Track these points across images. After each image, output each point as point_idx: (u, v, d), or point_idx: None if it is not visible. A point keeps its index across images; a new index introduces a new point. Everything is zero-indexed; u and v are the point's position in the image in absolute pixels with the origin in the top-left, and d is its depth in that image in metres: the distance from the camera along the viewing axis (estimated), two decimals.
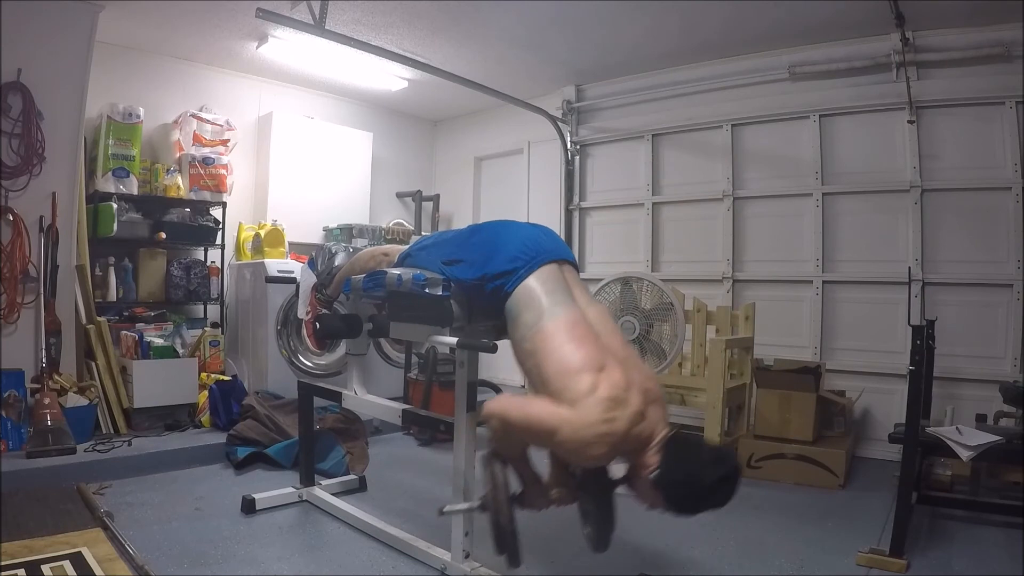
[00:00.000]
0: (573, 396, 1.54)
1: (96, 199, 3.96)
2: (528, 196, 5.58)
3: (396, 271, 2.11)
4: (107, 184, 3.97)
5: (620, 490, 1.72)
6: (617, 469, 1.70)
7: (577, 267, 1.97)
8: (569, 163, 5.22)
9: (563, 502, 1.78)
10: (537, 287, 1.75)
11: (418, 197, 5.86)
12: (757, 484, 3.26)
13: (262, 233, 4.51)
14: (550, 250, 1.85)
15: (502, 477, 1.69)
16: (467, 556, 2.04)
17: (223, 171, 4.46)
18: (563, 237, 4.67)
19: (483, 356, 2.02)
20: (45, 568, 2.00)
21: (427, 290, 1.94)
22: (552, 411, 1.56)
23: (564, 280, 1.81)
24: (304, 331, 2.85)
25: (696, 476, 1.52)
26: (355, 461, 3.32)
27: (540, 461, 1.77)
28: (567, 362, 1.60)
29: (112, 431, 3.52)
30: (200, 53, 4.52)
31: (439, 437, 3.78)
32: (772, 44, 4.16)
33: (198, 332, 4.24)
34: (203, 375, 3.94)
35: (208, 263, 4.50)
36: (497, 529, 1.68)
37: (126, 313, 4.09)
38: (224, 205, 4.51)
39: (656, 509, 1.62)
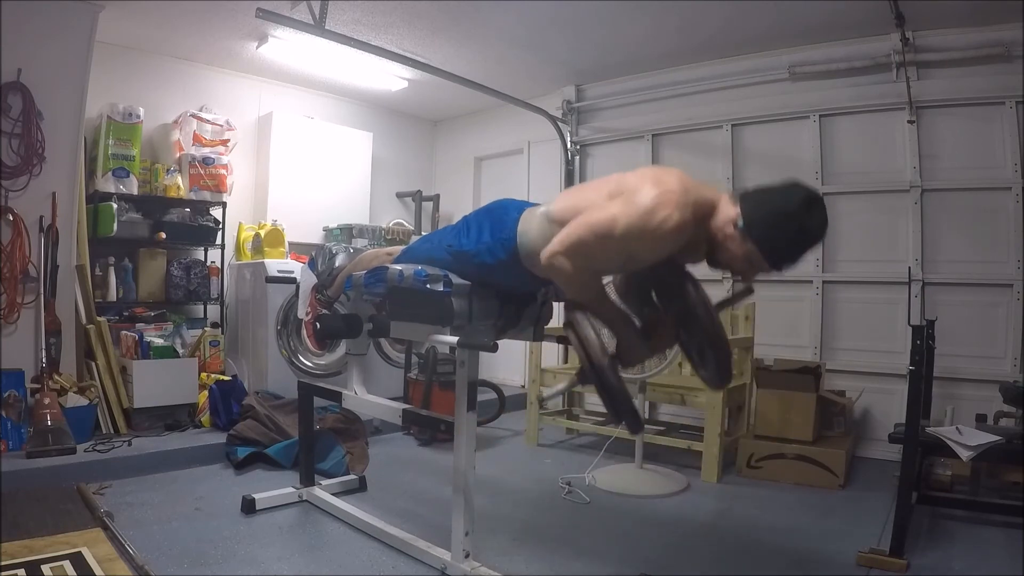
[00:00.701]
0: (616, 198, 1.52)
1: (96, 199, 3.96)
2: (528, 196, 5.57)
3: (398, 267, 2.10)
4: (107, 184, 3.97)
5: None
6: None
7: None
8: (569, 163, 5.22)
9: (664, 346, 1.68)
10: (532, 213, 1.77)
11: (418, 197, 5.86)
12: (757, 484, 3.26)
13: (262, 233, 4.51)
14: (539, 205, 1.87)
15: (593, 334, 1.55)
16: (467, 556, 2.04)
17: (223, 171, 4.46)
18: None
19: (483, 356, 2.02)
20: (45, 568, 2.00)
21: (428, 286, 1.94)
22: (603, 207, 1.52)
23: None
24: (304, 331, 2.85)
25: (783, 203, 1.44)
26: (355, 461, 3.32)
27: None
28: (597, 194, 1.58)
29: (112, 431, 3.52)
30: (200, 53, 4.52)
31: (439, 437, 3.78)
32: (772, 44, 4.16)
33: (198, 332, 4.24)
34: (203, 375, 3.94)
35: (208, 263, 4.50)
36: (608, 392, 1.55)
37: (126, 313, 4.08)
38: (224, 205, 4.51)
39: (751, 267, 1.51)
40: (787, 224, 1.44)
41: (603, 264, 1.62)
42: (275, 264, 4.23)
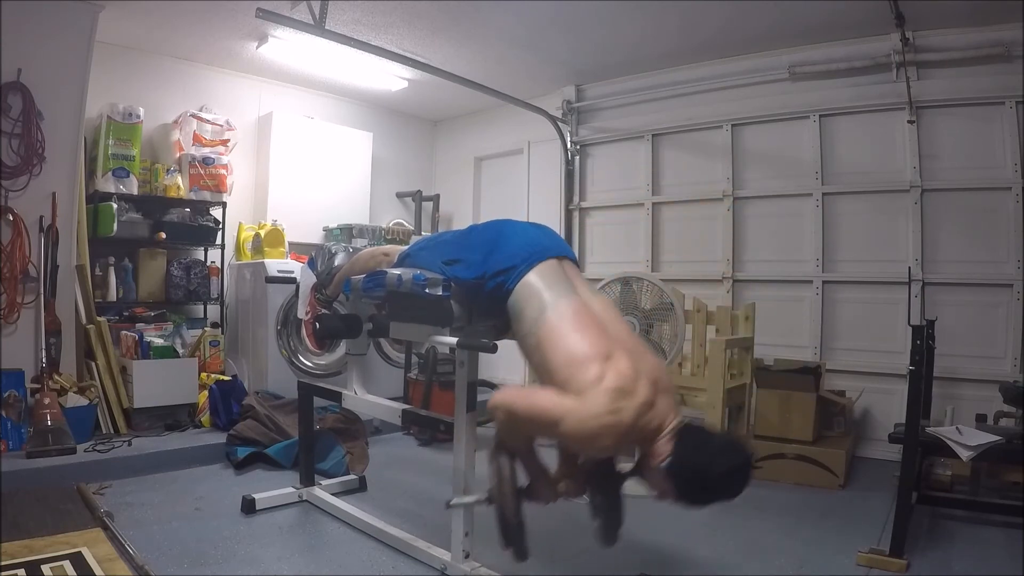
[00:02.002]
0: (579, 386, 1.52)
1: (96, 199, 3.96)
2: (528, 196, 5.58)
3: (396, 271, 2.11)
4: (107, 184, 3.97)
5: (628, 484, 1.71)
6: (625, 464, 1.69)
7: (577, 263, 1.97)
8: (569, 163, 5.22)
9: (571, 495, 1.74)
10: (537, 282, 1.74)
11: (418, 197, 5.86)
12: (757, 484, 3.21)
13: (262, 233, 4.51)
14: (549, 247, 1.85)
15: (508, 470, 1.66)
16: (467, 556, 2.04)
17: (223, 171, 4.46)
18: (563, 237, 4.65)
19: (483, 356, 2.02)
20: (45, 568, 2.00)
21: (427, 290, 1.94)
22: (557, 401, 1.53)
23: (565, 274, 1.80)
24: (304, 331, 2.85)
25: (707, 466, 1.49)
26: (355, 461, 3.32)
27: (548, 455, 1.76)
28: (573, 351, 1.58)
29: (112, 431, 3.52)
30: (200, 53, 4.52)
31: (439, 437, 3.78)
32: (772, 44, 4.16)
33: (198, 332, 4.24)
34: (203, 375, 3.94)
35: (208, 263, 4.50)
36: (503, 523, 1.66)
37: (126, 313, 4.08)
38: (224, 205, 4.51)
39: (667, 499, 1.60)
40: (706, 482, 1.52)
41: (537, 436, 1.70)
42: (275, 264, 4.23)
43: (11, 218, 3.39)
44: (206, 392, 3.78)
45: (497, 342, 1.87)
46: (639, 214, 4.87)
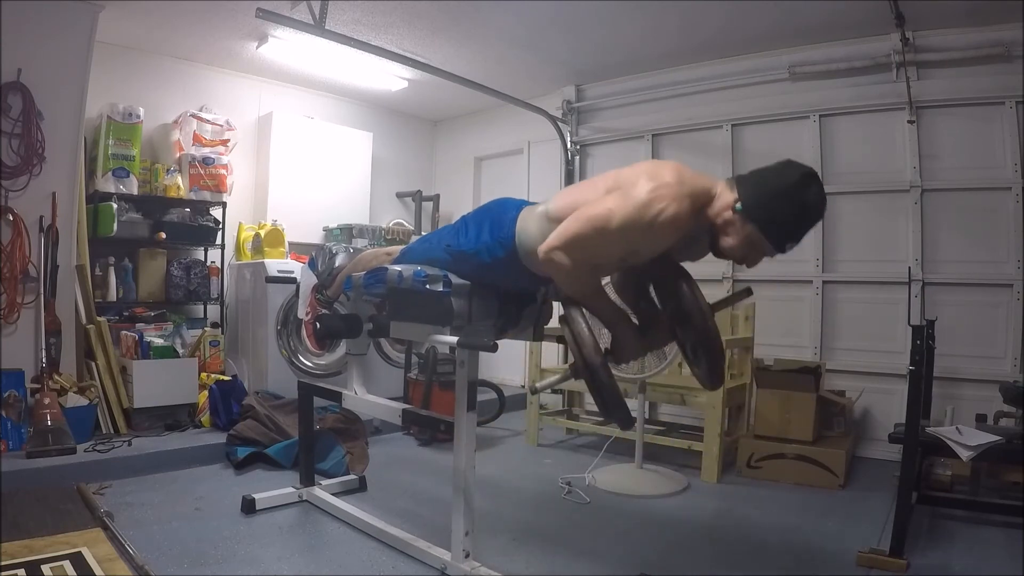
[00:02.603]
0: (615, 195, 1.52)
1: (96, 199, 3.96)
2: (528, 196, 5.56)
3: (397, 267, 2.11)
4: (107, 184, 3.97)
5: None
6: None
7: None
8: (569, 163, 5.22)
9: (660, 343, 1.67)
10: (531, 211, 1.78)
11: (418, 197, 5.86)
12: (757, 484, 3.26)
13: (262, 233, 4.51)
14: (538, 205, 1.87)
15: (587, 330, 1.55)
16: (467, 556, 2.04)
17: (223, 171, 4.46)
18: None
19: (483, 356, 2.02)
20: (45, 568, 2.00)
21: (428, 286, 1.94)
22: (601, 203, 1.52)
23: None
24: (304, 331, 2.85)
25: (780, 181, 1.44)
26: (355, 461, 3.32)
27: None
28: (594, 191, 1.59)
29: (112, 431, 3.52)
30: (200, 53, 4.52)
31: (439, 437, 3.78)
32: (772, 44, 4.16)
33: (198, 332, 4.24)
34: (203, 375, 3.94)
35: (208, 263, 4.50)
36: (599, 388, 1.55)
37: (126, 313, 4.08)
38: (224, 205, 4.51)
39: (750, 249, 1.50)
40: (786, 201, 1.45)
41: (600, 259, 1.62)
42: (275, 264, 4.23)
43: (11, 218, 3.39)
44: (206, 392, 3.78)
45: (497, 342, 1.87)
46: None
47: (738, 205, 1.47)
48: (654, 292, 1.79)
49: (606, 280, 1.86)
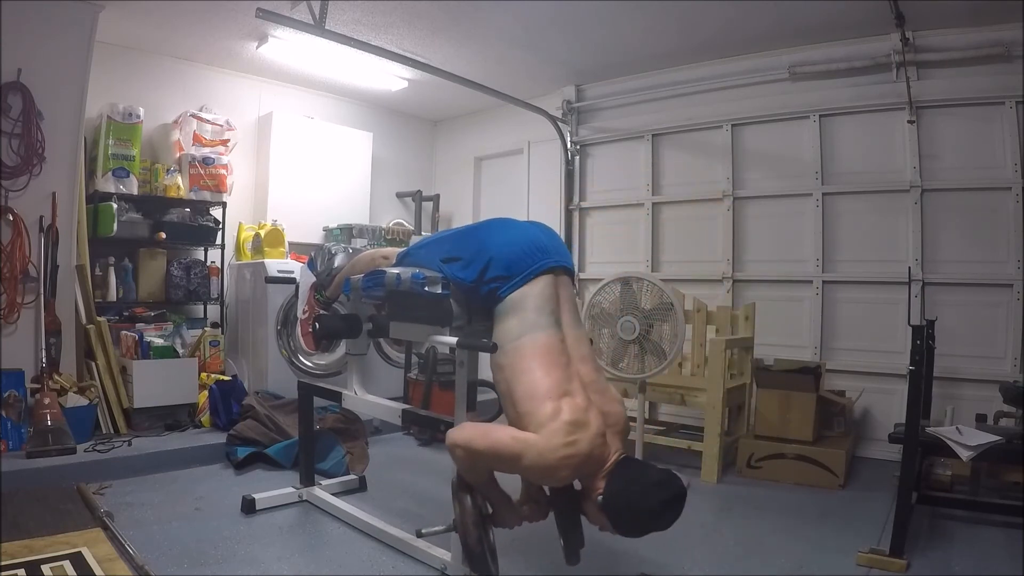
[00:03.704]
0: (538, 421, 1.61)
1: (96, 199, 3.96)
2: (528, 196, 5.58)
3: (395, 270, 2.11)
4: (107, 184, 3.97)
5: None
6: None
7: (573, 274, 1.99)
8: (569, 163, 5.22)
9: (535, 518, 1.84)
10: (527, 300, 1.79)
11: (418, 197, 5.86)
12: (757, 484, 3.26)
13: (262, 233, 4.51)
14: (548, 251, 1.86)
15: (469, 503, 1.75)
16: None
17: (223, 171, 4.46)
18: (563, 237, 4.67)
19: (482, 356, 2.02)
20: (45, 568, 2.01)
21: (426, 289, 1.94)
22: (517, 437, 1.63)
23: (556, 296, 1.83)
24: (299, 330, 2.85)
25: (639, 499, 1.58)
26: (355, 461, 3.32)
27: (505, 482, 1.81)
28: (536, 387, 1.66)
29: (112, 431, 3.52)
30: (200, 53, 4.52)
31: (439, 437, 3.73)
32: (772, 44, 4.16)
33: (198, 332, 4.24)
34: (203, 375, 3.94)
35: (208, 263, 4.50)
36: (467, 551, 1.76)
37: (126, 313, 4.08)
38: (224, 205, 4.51)
39: (605, 531, 1.69)
40: (638, 515, 1.59)
41: (495, 469, 1.77)
42: (275, 264, 4.23)
43: (11, 218, 3.39)
44: (206, 392, 3.78)
45: (496, 342, 1.87)
46: (639, 214, 4.87)
47: (599, 498, 1.62)
48: None
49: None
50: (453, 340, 1.94)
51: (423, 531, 1.93)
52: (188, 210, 4.33)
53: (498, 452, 1.64)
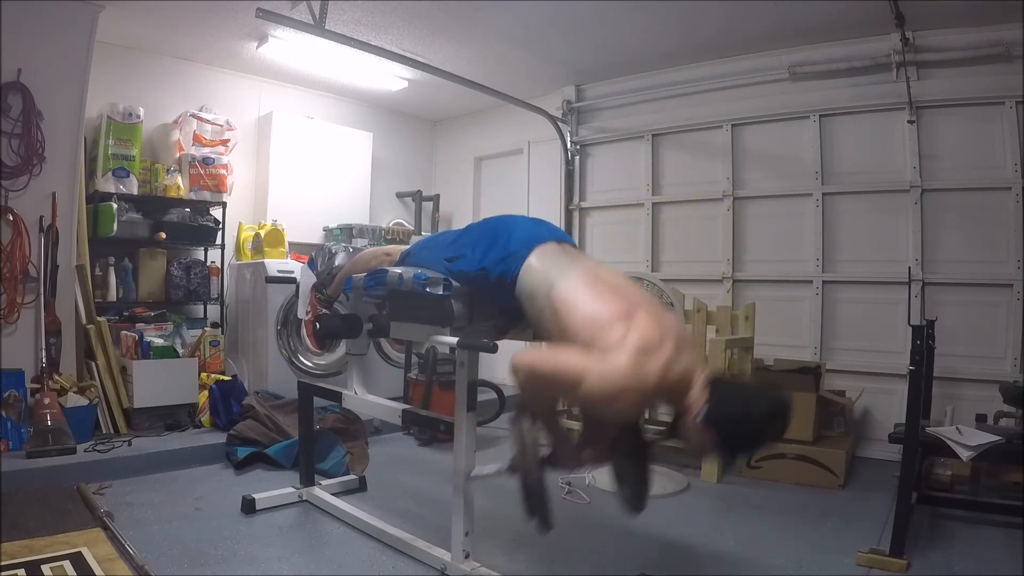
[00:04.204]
0: (604, 345, 1.49)
1: (96, 199, 3.96)
2: (528, 196, 5.58)
3: (397, 270, 2.11)
4: (107, 184, 3.97)
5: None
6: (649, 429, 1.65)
7: (577, 248, 1.98)
8: (569, 163, 5.22)
9: (596, 462, 1.71)
10: (541, 262, 1.75)
11: (418, 197, 5.86)
12: (757, 484, 3.26)
13: (262, 233, 4.51)
14: (548, 235, 1.87)
15: (531, 437, 1.62)
16: (467, 556, 2.04)
17: (223, 171, 4.46)
18: None
19: (483, 356, 2.02)
20: (45, 568, 2.01)
21: (428, 289, 1.94)
22: (581, 360, 1.50)
23: (567, 252, 1.82)
24: (304, 331, 2.85)
25: (747, 410, 1.46)
26: (355, 461, 3.32)
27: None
28: (593, 313, 1.56)
29: (112, 431, 3.52)
30: (200, 53, 4.52)
31: (439, 437, 3.78)
32: (772, 44, 4.16)
33: (198, 332, 4.24)
34: (203, 375, 3.94)
35: (208, 263, 4.49)
36: (527, 492, 1.63)
37: (126, 313, 4.08)
38: (224, 205, 4.51)
39: (706, 453, 1.56)
40: (746, 427, 1.46)
41: (559, 396, 1.68)
42: (275, 264, 4.23)
43: (11, 218, 3.39)
44: (206, 392, 3.78)
45: (497, 342, 1.87)
46: (639, 214, 4.87)
47: (702, 415, 1.48)
48: None
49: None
50: (454, 340, 1.94)
51: (473, 473, 1.84)
52: (188, 210, 4.33)
53: (560, 373, 1.51)
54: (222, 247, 4.51)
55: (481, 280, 1.86)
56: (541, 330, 1.74)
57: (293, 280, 2.94)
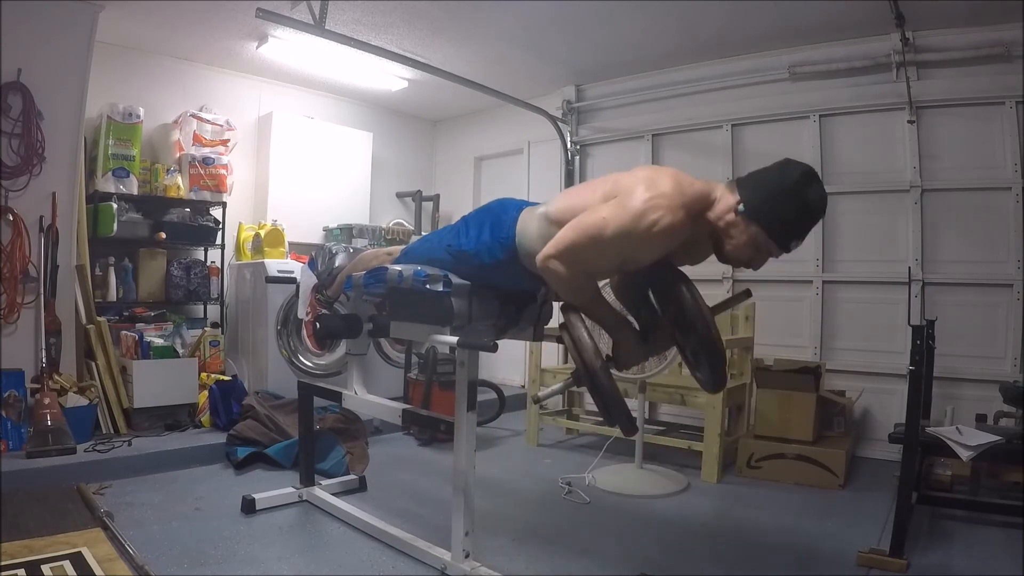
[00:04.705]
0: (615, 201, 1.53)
1: (96, 199, 3.96)
2: (528, 196, 5.57)
3: (397, 267, 2.10)
4: (107, 184, 3.97)
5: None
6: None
7: None
8: (569, 163, 5.22)
9: (661, 348, 1.68)
10: (531, 212, 1.79)
11: (418, 197, 5.86)
12: (757, 484, 3.26)
13: (262, 233, 4.51)
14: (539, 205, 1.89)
15: (587, 335, 1.55)
16: (467, 556, 2.04)
17: (223, 171, 4.46)
18: None
19: (483, 356, 2.02)
20: (45, 568, 2.00)
21: (428, 286, 1.94)
22: (598, 212, 1.53)
23: None
24: (304, 331, 2.85)
25: (781, 180, 1.45)
26: (355, 461, 3.32)
27: None
28: (593, 188, 1.61)
29: (112, 431, 3.52)
30: (200, 53, 4.52)
31: (439, 437, 3.78)
32: (772, 44, 4.16)
33: (198, 332, 4.24)
34: (203, 375, 3.94)
35: (208, 263, 4.50)
36: (601, 394, 1.56)
37: (126, 313, 4.08)
38: (224, 205, 4.51)
39: (753, 246, 1.50)
40: (789, 200, 1.45)
41: (596, 266, 1.63)
42: (275, 264, 4.23)
43: (11, 218, 3.39)
44: (206, 392, 3.78)
45: (497, 342, 1.87)
46: None
47: (741, 207, 1.47)
48: (653, 297, 1.79)
49: (604, 283, 1.87)
50: (454, 340, 1.94)
51: (540, 394, 1.77)
52: (188, 210, 4.33)
53: (583, 234, 1.51)
54: (222, 247, 4.51)
55: (483, 253, 1.86)
56: (541, 231, 1.75)
57: (293, 280, 2.95)
